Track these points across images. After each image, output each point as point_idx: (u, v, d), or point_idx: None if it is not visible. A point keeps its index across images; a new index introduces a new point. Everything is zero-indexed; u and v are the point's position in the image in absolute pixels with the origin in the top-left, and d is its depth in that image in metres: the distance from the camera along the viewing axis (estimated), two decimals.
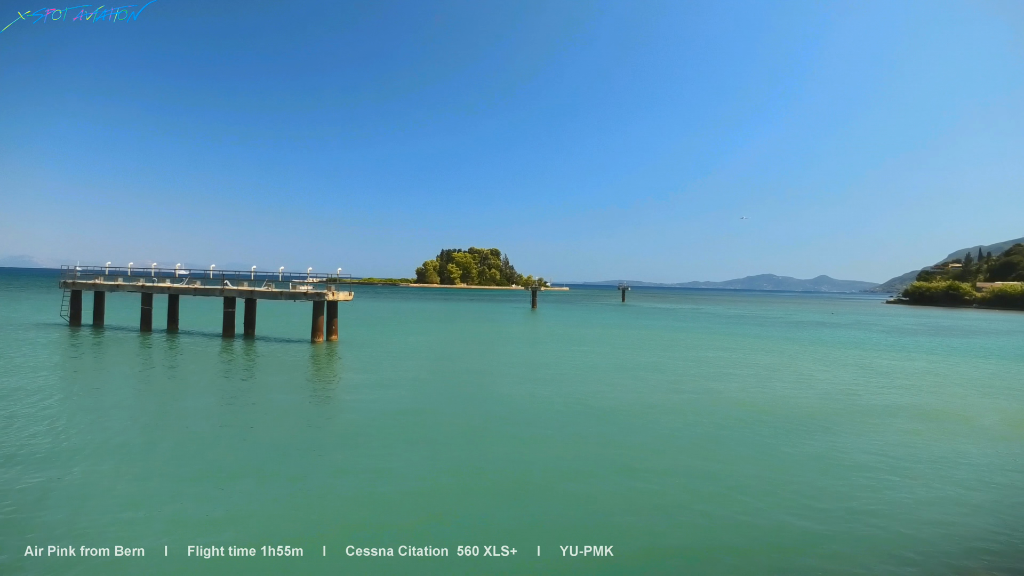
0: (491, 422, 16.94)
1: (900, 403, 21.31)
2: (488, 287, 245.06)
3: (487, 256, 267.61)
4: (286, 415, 17.07)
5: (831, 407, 20.13)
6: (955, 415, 19.54)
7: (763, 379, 26.03)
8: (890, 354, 38.48)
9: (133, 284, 38.86)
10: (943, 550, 9.21)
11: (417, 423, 16.47)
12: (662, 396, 21.47)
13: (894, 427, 17.50)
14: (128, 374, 22.66)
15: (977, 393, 24.24)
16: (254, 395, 19.84)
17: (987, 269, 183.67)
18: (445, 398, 20.50)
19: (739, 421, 17.63)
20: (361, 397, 20.03)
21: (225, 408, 17.88)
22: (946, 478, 12.83)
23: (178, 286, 38.19)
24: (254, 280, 38.37)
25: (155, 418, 16.02)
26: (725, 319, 76.26)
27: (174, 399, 18.71)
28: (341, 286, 38.56)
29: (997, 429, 17.85)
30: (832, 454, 14.36)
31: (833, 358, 35.27)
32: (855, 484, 12.19)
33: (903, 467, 13.50)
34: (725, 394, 22.03)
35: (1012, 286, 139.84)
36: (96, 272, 41.73)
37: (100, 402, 17.81)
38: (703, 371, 28.12)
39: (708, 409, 19.26)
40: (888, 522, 10.25)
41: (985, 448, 15.52)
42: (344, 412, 18.13)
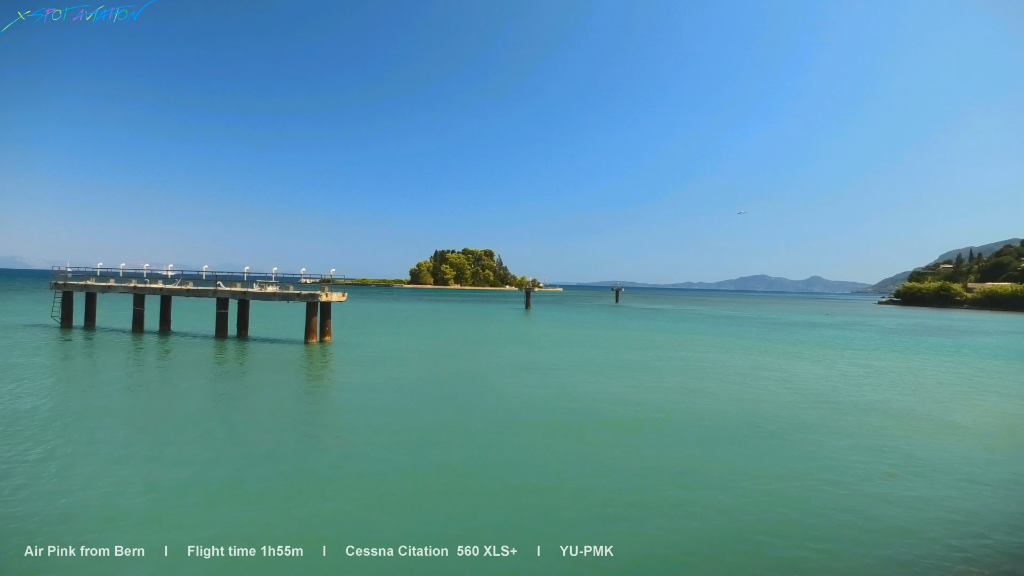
0: (489, 422, 16.98)
1: (899, 404, 21.51)
2: (482, 288, 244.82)
3: (481, 257, 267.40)
4: (281, 416, 17.04)
5: (830, 408, 20.29)
6: (946, 415, 19.76)
7: (759, 380, 26.19)
8: (881, 354, 38.79)
9: (125, 285, 38.60)
10: (941, 550, 9.33)
11: (414, 424, 16.47)
12: (659, 397, 21.57)
13: (892, 428, 17.67)
14: (121, 376, 22.51)
15: (968, 392, 24.48)
16: (248, 396, 19.78)
17: (978, 270, 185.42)
18: (441, 399, 20.50)
19: (737, 422, 17.75)
20: (355, 397, 20.01)
21: (220, 409, 17.81)
22: (942, 478, 12.99)
23: (170, 287, 37.93)
24: (247, 281, 38.22)
25: (150, 419, 15.94)
26: (719, 320, 76.60)
27: (168, 400, 18.61)
28: (334, 287, 38.42)
29: (987, 428, 18.06)
30: (830, 454, 14.49)
31: (827, 359, 35.53)
32: (854, 484, 12.32)
33: (902, 467, 13.65)
34: (722, 395, 22.16)
35: (1002, 287, 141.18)
36: (88, 273, 41.34)
37: (93, 404, 17.70)
38: (699, 372, 28.27)
39: (706, 410, 19.38)
40: (887, 522, 10.37)
41: (976, 447, 15.71)
42: (339, 413, 18.11)
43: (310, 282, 39.14)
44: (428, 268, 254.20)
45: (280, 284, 37.87)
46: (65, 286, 39.26)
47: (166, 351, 29.40)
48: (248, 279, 38.43)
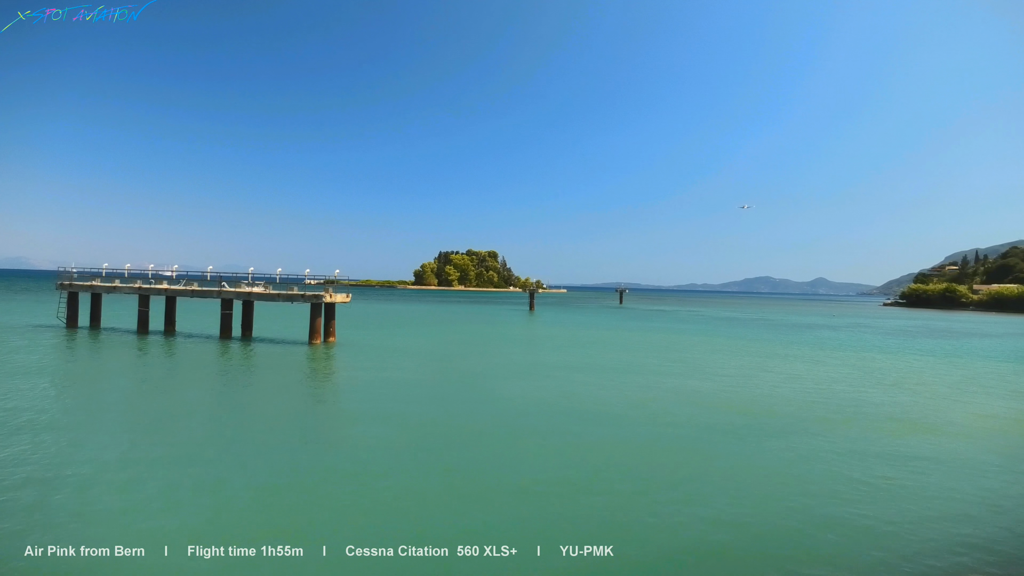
0: (490, 423, 16.95)
1: (900, 404, 21.39)
2: (486, 289, 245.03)
3: (485, 258, 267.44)
4: (284, 416, 17.06)
5: (831, 409, 20.19)
6: (947, 415, 19.62)
7: (761, 381, 26.08)
8: (884, 356, 38.58)
9: (130, 286, 38.74)
10: (941, 551, 9.26)
11: (416, 424, 16.47)
12: (660, 398, 21.50)
13: (890, 428, 17.56)
14: (125, 376, 22.60)
15: (967, 392, 24.31)
16: (252, 396, 19.82)
17: (984, 272, 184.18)
18: (444, 399, 20.49)
19: (739, 424, 17.68)
20: (359, 398, 20.02)
21: (223, 409, 17.86)
22: (942, 479, 12.90)
23: (175, 288, 38.06)
24: (251, 282, 38.32)
25: (153, 419, 15.98)
26: (724, 322, 76.38)
27: (172, 401, 18.66)
28: (339, 288, 38.50)
29: (988, 429, 17.93)
30: (831, 456, 14.40)
31: (829, 360, 35.36)
32: (854, 485, 12.24)
33: (902, 468, 13.56)
34: (723, 396, 22.07)
35: (1008, 288, 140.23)
36: (93, 274, 41.53)
37: (98, 404, 17.77)
38: (700, 373, 28.17)
39: (707, 411, 19.31)
40: (886, 523, 10.29)
41: (976, 447, 15.59)
42: (342, 413, 18.13)
43: (314, 283, 39.24)
44: (432, 269, 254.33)
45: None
46: (70, 287, 39.46)
47: (170, 352, 29.50)
48: (252, 280, 38.54)
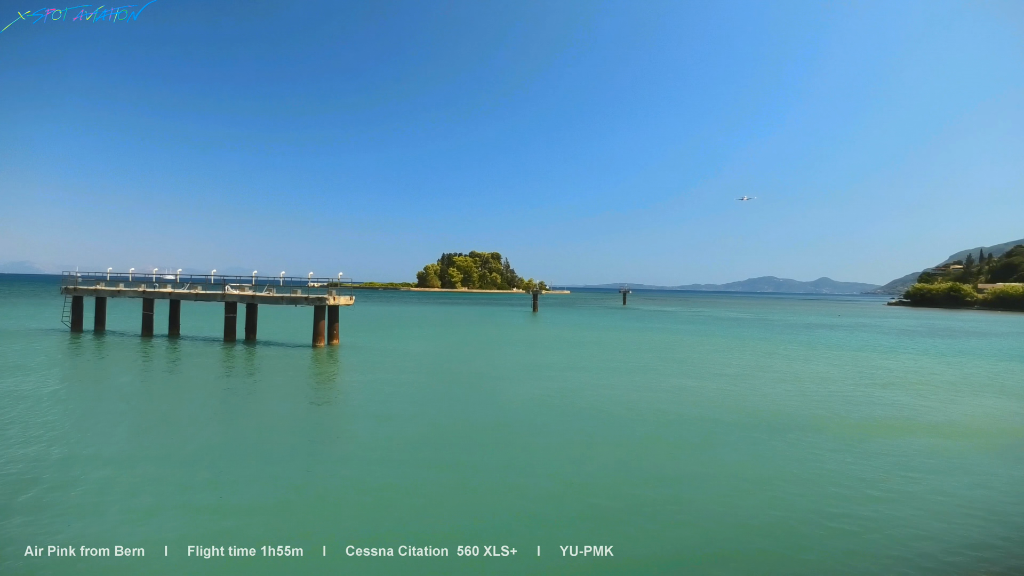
0: (491, 424, 16.94)
1: (901, 405, 21.28)
2: (489, 291, 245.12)
3: (488, 260, 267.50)
4: (287, 417, 17.09)
5: (832, 409, 20.11)
6: (948, 416, 19.53)
7: (762, 381, 26.00)
8: (888, 356, 38.39)
9: (134, 289, 38.93)
10: (941, 551, 9.20)
11: (416, 425, 16.47)
12: (661, 398, 21.45)
13: (891, 427, 17.48)
14: (129, 379, 22.69)
15: (969, 393, 24.18)
16: (255, 398, 19.85)
17: (988, 270, 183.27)
18: (445, 400, 20.49)
19: (739, 423, 17.62)
20: (362, 400, 20.04)
21: (226, 411, 17.89)
22: (943, 479, 12.82)
23: (179, 291, 38.23)
24: (255, 285, 38.46)
25: (156, 422, 16.04)
26: (727, 322, 76.17)
27: (175, 403, 18.72)
28: (342, 290, 38.55)
29: (989, 429, 17.82)
30: (831, 456, 14.34)
31: (830, 360, 35.23)
32: (854, 485, 12.18)
33: (902, 467, 13.49)
34: (724, 396, 22.01)
35: (1013, 287, 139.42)
36: (97, 278, 41.81)
37: (101, 406, 17.84)
38: (701, 374, 28.10)
39: (708, 411, 19.25)
40: (886, 523, 10.24)
41: (978, 448, 15.50)
42: (345, 415, 18.14)
43: (318, 285, 39.32)
44: (435, 271, 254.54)
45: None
46: (75, 291, 39.67)
47: (175, 355, 29.58)
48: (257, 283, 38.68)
